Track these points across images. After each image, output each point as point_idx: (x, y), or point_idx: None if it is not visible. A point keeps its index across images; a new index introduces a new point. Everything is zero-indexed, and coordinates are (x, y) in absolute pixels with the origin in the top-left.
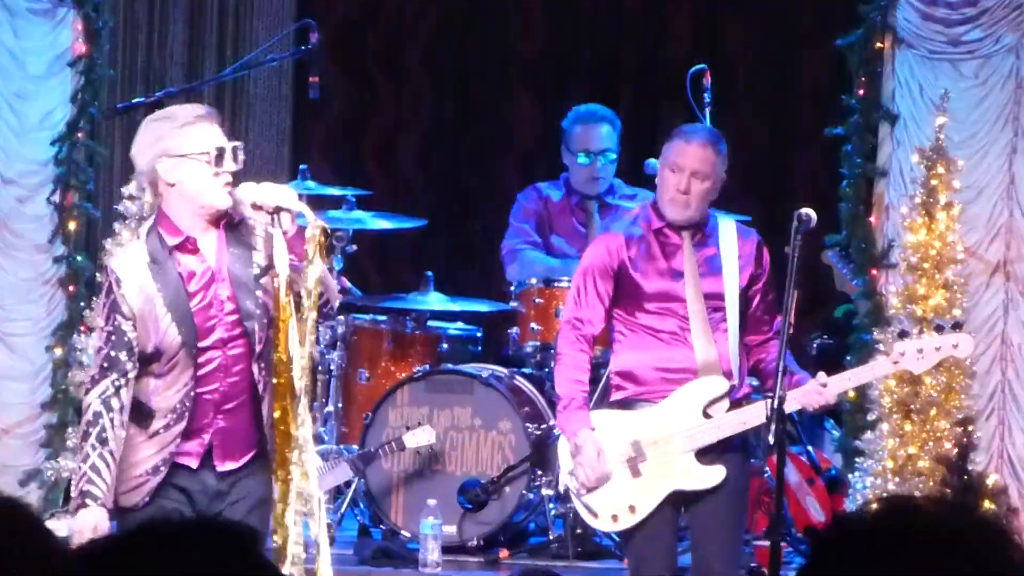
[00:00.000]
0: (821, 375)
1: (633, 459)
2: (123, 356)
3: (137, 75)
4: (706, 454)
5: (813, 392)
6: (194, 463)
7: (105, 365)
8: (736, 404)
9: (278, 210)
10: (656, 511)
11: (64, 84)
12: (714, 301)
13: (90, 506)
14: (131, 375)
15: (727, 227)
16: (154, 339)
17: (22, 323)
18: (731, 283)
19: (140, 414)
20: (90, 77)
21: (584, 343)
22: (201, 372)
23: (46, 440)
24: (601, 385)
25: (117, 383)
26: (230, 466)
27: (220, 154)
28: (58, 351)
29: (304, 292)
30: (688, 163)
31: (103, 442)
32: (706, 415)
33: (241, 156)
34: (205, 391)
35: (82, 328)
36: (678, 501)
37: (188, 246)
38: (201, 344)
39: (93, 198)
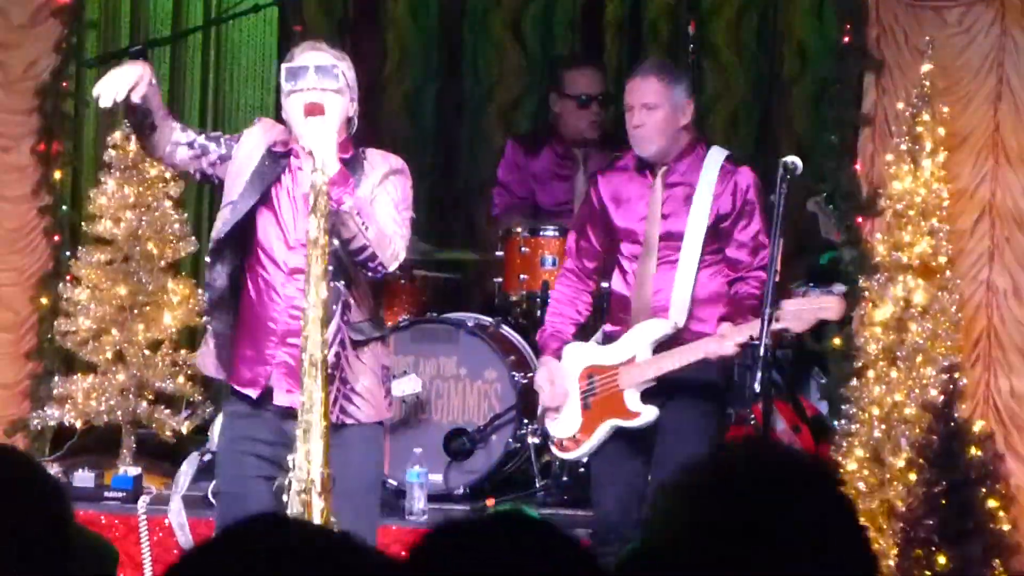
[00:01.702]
0: (724, 325)
1: (586, 392)
2: (214, 142)
3: (121, 24)
4: (656, 396)
5: (712, 342)
6: (254, 393)
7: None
8: (674, 339)
9: (311, 153)
10: (608, 449)
11: (48, 34)
12: (672, 241)
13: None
14: (205, 146)
15: (713, 161)
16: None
17: (7, 273)
18: (696, 221)
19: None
20: (74, 26)
21: (572, 276)
22: (267, 292)
23: (31, 390)
24: None
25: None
26: (287, 400)
27: (292, 74)
28: (43, 301)
29: (310, 243)
30: (635, 98)
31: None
32: (653, 353)
33: (334, 71)
34: (267, 318)
35: (68, 278)
36: (640, 445)
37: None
38: (278, 257)
39: (78, 148)
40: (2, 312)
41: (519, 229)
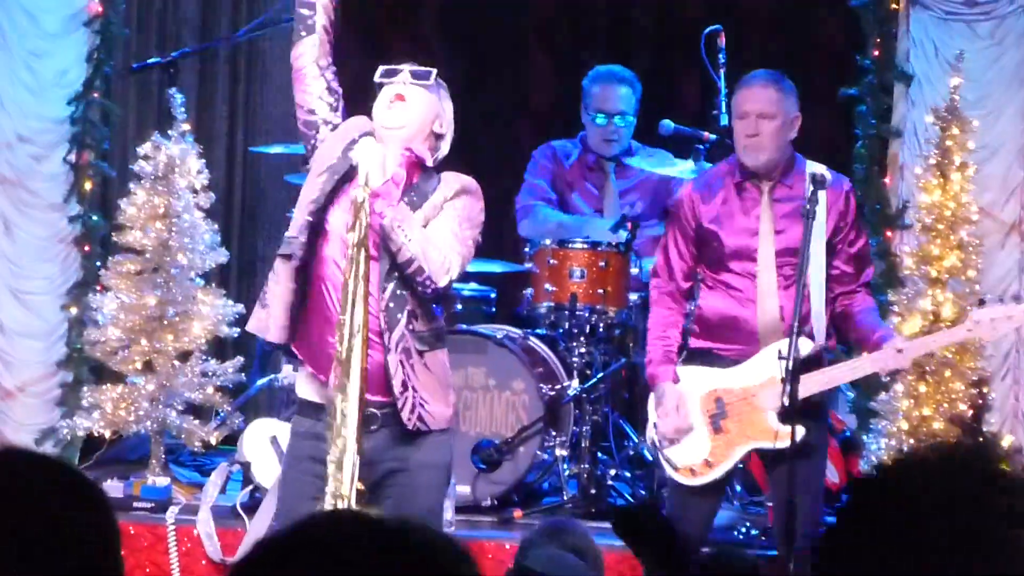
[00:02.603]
0: (898, 339)
1: (716, 416)
2: (339, 110)
3: (152, 35)
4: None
5: (890, 357)
6: (324, 377)
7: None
8: (816, 359)
9: (357, 166)
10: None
11: (79, 43)
12: (789, 257)
13: None
14: (338, 103)
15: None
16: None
17: (37, 281)
18: (816, 237)
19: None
20: (105, 36)
21: (670, 299)
22: (334, 283)
23: (61, 399)
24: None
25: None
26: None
27: (388, 71)
28: (73, 310)
29: (348, 259)
30: (751, 107)
31: None
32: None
33: (429, 75)
34: (332, 310)
35: (98, 287)
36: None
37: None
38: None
39: (108, 157)
40: (32, 321)
41: (548, 241)
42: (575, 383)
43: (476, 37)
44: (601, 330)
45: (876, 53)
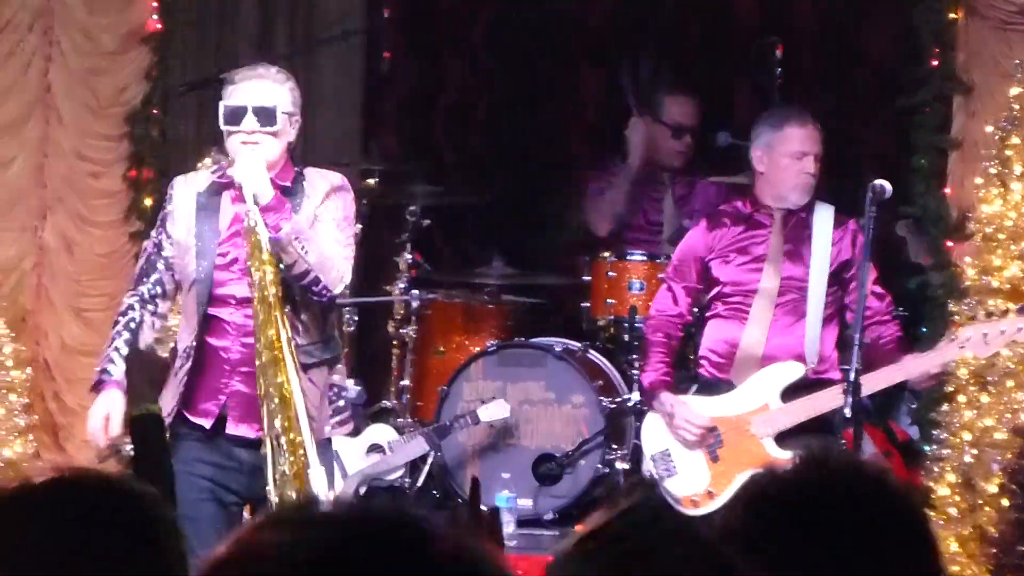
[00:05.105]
0: (908, 357)
1: (712, 445)
2: (160, 265)
3: (209, 51)
4: (785, 437)
5: (898, 371)
6: (207, 423)
7: (143, 269)
8: (816, 387)
9: (241, 187)
10: None
11: (138, 60)
12: (792, 288)
13: (106, 384)
14: (165, 288)
15: (825, 210)
16: (179, 266)
17: (97, 299)
18: (819, 267)
19: (172, 351)
20: (163, 53)
21: (659, 329)
22: (214, 325)
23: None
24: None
25: (152, 291)
26: (244, 432)
27: (230, 115)
28: None
29: (254, 286)
30: (809, 146)
31: (130, 331)
32: (783, 399)
33: (272, 113)
34: (219, 346)
35: None
36: None
37: (237, 193)
38: (216, 291)
39: (167, 174)
40: (92, 337)
41: (606, 254)
42: (635, 396)
43: (529, 53)
44: None
45: (934, 64)
